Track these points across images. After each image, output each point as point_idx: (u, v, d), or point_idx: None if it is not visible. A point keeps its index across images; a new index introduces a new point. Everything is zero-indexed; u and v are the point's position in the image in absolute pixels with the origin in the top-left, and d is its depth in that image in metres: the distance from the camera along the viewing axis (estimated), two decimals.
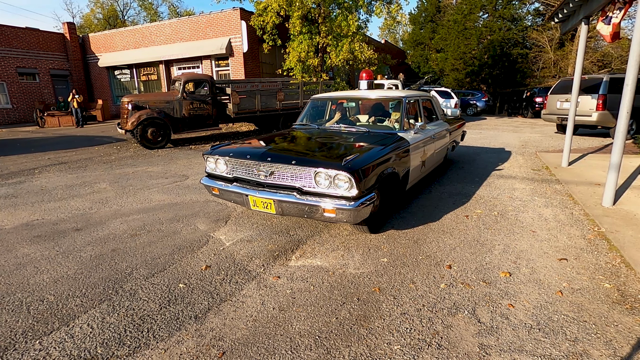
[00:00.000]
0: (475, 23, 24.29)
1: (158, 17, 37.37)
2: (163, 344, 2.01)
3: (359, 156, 3.01)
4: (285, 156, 3.17)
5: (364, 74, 5.33)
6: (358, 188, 2.81)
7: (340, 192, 2.88)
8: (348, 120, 4.70)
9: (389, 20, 13.10)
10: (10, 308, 2.36)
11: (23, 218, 4.09)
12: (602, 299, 2.37)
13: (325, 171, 2.86)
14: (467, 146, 8.70)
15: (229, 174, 3.48)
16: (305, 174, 2.98)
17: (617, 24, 4.50)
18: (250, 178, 3.30)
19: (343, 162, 2.82)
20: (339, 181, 2.85)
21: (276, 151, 3.36)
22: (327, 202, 2.87)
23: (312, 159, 3.10)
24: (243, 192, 3.22)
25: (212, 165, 3.61)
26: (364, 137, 3.83)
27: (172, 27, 17.49)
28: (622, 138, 3.90)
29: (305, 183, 3.00)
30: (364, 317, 2.23)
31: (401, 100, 4.33)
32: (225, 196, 3.49)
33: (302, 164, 2.98)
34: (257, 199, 3.12)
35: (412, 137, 3.98)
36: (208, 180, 3.63)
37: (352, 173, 2.77)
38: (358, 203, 2.81)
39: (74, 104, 14.91)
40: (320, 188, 2.94)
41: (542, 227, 3.61)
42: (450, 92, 15.56)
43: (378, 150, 3.30)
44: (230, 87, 9.86)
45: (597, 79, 9.33)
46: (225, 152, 3.49)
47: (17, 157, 8.06)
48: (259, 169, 3.19)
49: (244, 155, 3.35)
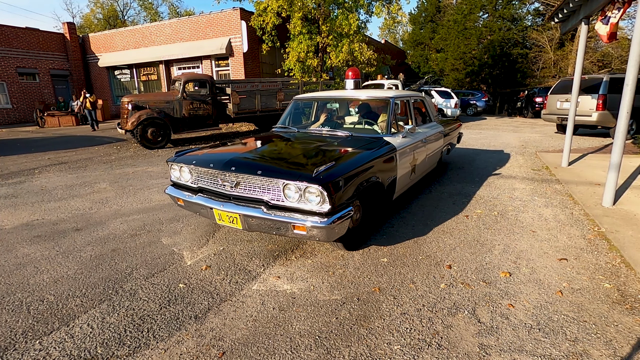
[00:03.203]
0: (475, 23, 24.32)
1: (158, 17, 37.41)
2: (163, 344, 2.01)
3: (334, 165, 2.67)
4: (251, 165, 2.86)
5: (349, 72, 4.92)
6: (331, 202, 2.49)
7: (312, 207, 2.54)
8: (333, 123, 4.36)
9: (388, 20, 13.10)
10: (10, 308, 2.36)
11: (23, 218, 4.09)
12: (602, 299, 2.37)
13: (294, 183, 2.53)
14: (467, 146, 8.70)
15: (194, 184, 3.15)
16: (272, 185, 2.66)
17: (614, 24, 4.50)
18: (215, 189, 2.97)
19: (314, 173, 2.49)
20: (310, 195, 2.53)
21: (242, 159, 2.99)
22: (297, 218, 2.55)
23: (280, 168, 2.77)
24: (207, 204, 2.89)
25: (177, 174, 3.29)
26: (346, 142, 3.49)
27: (172, 27, 17.50)
28: (622, 138, 3.90)
29: (274, 196, 2.67)
30: (364, 317, 2.23)
31: (388, 101, 3.97)
32: (191, 208, 3.16)
33: (269, 175, 2.65)
34: (222, 212, 2.79)
35: (400, 142, 3.66)
36: (173, 190, 3.29)
37: (323, 185, 2.43)
38: (332, 219, 2.49)
39: (87, 104, 13.55)
40: (290, 202, 2.61)
41: (542, 227, 3.61)
42: (450, 92, 15.57)
43: (358, 158, 2.98)
44: (230, 87, 9.87)
45: (597, 79, 9.34)
46: (189, 160, 3.17)
47: (17, 157, 8.07)
48: (224, 179, 2.88)
49: (207, 163, 3.00)
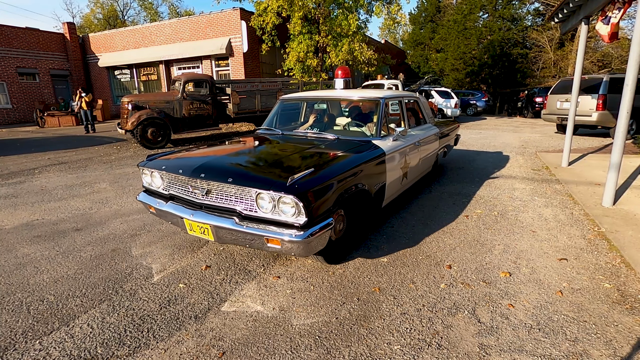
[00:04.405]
0: (475, 23, 24.32)
1: (158, 17, 37.43)
2: (163, 344, 2.01)
3: (313, 172, 2.45)
4: (222, 172, 2.60)
5: (339, 71, 4.59)
6: (308, 214, 2.27)
7: (287, 218, 2.33)
8: (322, 125, 4.09)
9: (388, 20, 13.11)
10: (10, 308, 2.36)
11: (23, 218, 4.09)
12: (602, 299, 2.37)
13: (267, 192, 2.31)
14: (467, 145, 8.70)
15: (165, 190, 2.94)
16: (245, 194, 2.44)
17: (615, 24, 4.50)
18: (186, 197, 2.76)
19: (289, 182, 2.27)
20: (284, 205, 2.32)
21: (212, 165, 2.74)
22: (272, 230, 2.33)
23: (254, 175, 2.56)
24: (177, 213, 2.68)
25: (148, 179, 3.07)
26: (331, 146, 3.24)
27: (172, 27, 17.50)
28: (622, 138, 3.90)
29: (247, 206, 2.45)
30: (364, 317, 2.23)
31: (378, 102, 3.72)
32: (163, 216, 2.92)
33: (241, 183, 2.43)
34: (193, 222, 2.59)
35: (390, 145, 3.44)
36: (145, 197, 3.07)
37: (299, 195, 2.22)
38: (308, 233, 2.27)
39: (83, 104, 12.60)
40: (264, 213, 2.40)
41: (542, 227, 3.61)
42: (450, 92, 15.58)
43: (341, 164, 2.76)
44: (230, 87, 9.87)
45: (597, 79, 9.33)
46: (159, 165, 2.94)
47: (17, 157, 8.07)
48: (195, 186, 2.66)
49: (176, 169, 2.78)
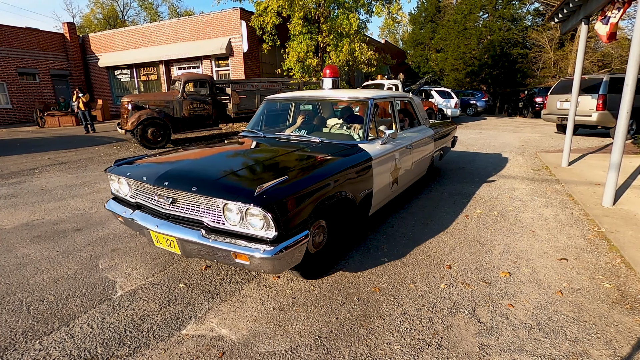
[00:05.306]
0: (475, 23, 24.32)
1: (158, 17, 37.42)
2: (163, 344, 2.01)
3: (286, 181, 2.24)
4: (187, 180, 2.38)
5: (327, 70, 4.31)
6: (278, 227, 2.07)
7: (255, 232, 2.14)
8: (310, 126, 3.90)
9: (389, 20, 13.11)
10: (10, 308, 2.36)
11: (23, 218, 4.09)
12: (602, 299, 2.37)
13: (234, 203, 2.11)
14: (467, 145, 8.70)
15: (132, 198, 2.74)
16: (211, 205, 2.25)
17: (614, 24, 4.50)
18: (151, 206, 2.57)
19: (256, 192, 2.06)
20: (252, 217, 2.12)
21: (178, 172, 2.52)
22: (239, 245, 2.14)
23: (221, 184, 2.30)
24: (143, 223, 2.49)
25: (116, 186, 2.87)
26: (314, 151, 3.05)
27: (172, 27, 17.50)
28: (622, 138, 3.90)
29: (214, 217, 2.26)
30: (364, 317, 2.23)
31: (366, 103, 3.50)
32: (131, 226, 2.72)
33: (205, 192, 2.23)
34: (159, 234, 2.40)
35: (378, 149, 3.23)
36: (113, 205, 2.87)
37: (267, 207, 2.01)
38: (279, 248, 2.07)
39: (80, 105, 12.33)
40: (231, 225, 2.20)
41: (542, 227, 3.61)
42: (450, 92, 15.58)
43: (320, 171, 2.54)
44: (230, 87, 9.88)
45: (597, 79, 9.34)
46: (123, 171, 2.74)
47: (17, 157, 8.06)
48: (160, 194, 2.47)
49: (140, 176, 2.58)
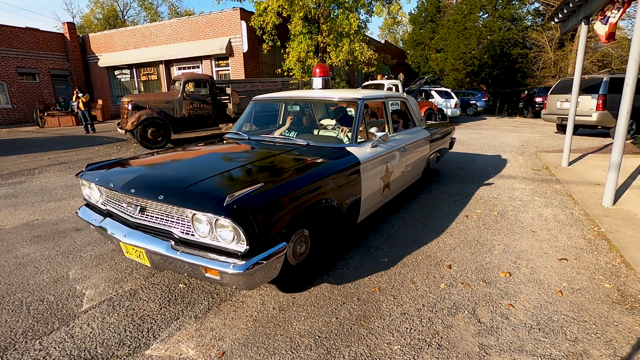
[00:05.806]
0: (475, 23, 24.30)
1: (158, 17, 37.42)
2: (163, 344, 2.01)
3: (262, 187, 2.07)
4: (154, 187, 2.21)
5: (317, 69, 4.12)
6: (250, 240, 1.90)
7: (226, 245, 1.97)
8: (300, 128, 3.76)
9: (389, 20, 13.10)
10: (10, 308, 2.36)
11: (23, 218, 4.09)
12: (602, 299, 2.37)
13: (202, 213, 1.93)
14: (467, 145, 8.70)
15: (104, 205, 2.58)
16: (181, 214, 2.09)
17: (613, 24, 4.50)
18: (121, 214, 2.41)
19: (226, 201, 1.88)
20: (222, 229, 1.95)
21: (146, 179, 2.37)
22: (209, 258, 1.99)
23: (189, 192, 2.10)
24: (112, 232, 2.36)
25: (87, 192, 2.71)
26: (300, 154, 2.89)
27: (172, 27, 17.50)
28: (622, 138, 3.90)
29: (184, 228, 2.09)
30: (364, 317, 2.23)
31: (356, 104, 3.32)
32: (103, 235, 2.51)
33: (172, 201, 2.06)
34: (128, 245, 2.25)
35: (367, 153, 3.05)
36: (84, 212, 2.72)
37: (237, 218, 1.84)
38: (250, 263, 1.90)
39: (80, 105, 12.17)
40: (201, 237, 2.03)
41: (542, 227, 3.61)
42: (450, 92, 15.57)
43: (301, 177, 2.36)
44: (230, 87, 9.88)
45: (597, 79, 9.34)
46: (93, 177, 2.58)
47: (17, 157, 8.06)
48: (129, 202, 2.32)
49: (108, 182, 2.42)
